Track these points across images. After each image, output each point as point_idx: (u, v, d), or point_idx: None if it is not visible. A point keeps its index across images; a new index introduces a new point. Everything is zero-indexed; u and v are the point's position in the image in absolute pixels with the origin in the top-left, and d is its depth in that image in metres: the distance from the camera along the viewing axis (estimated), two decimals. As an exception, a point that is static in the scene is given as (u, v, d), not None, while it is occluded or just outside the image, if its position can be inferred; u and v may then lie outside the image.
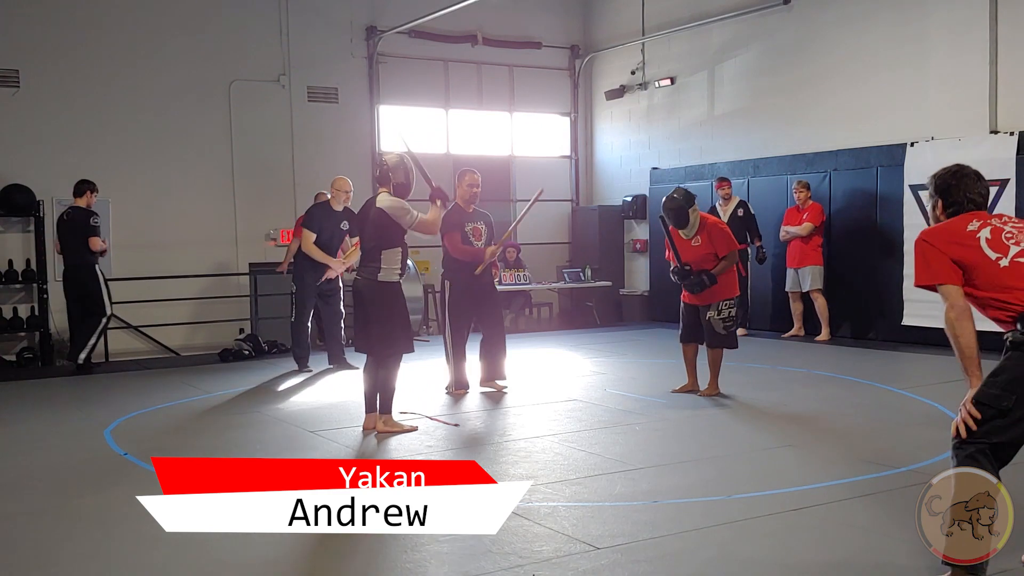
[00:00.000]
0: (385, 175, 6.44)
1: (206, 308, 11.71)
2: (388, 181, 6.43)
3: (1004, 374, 3.37)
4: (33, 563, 4.09)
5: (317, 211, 9.29)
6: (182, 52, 11.71)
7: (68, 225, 9.46)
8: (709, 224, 7.55)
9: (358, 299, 6.45)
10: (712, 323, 7.49)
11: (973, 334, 3.46)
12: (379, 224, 6.30)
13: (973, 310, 3.52)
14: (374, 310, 6.32)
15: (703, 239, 7.46)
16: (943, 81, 10.12)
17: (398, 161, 6.46)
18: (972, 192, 3.67)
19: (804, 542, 4.13)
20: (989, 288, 3.48)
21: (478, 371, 8.04)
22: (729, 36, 12.58)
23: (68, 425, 7.15)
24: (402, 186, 6.43)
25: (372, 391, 6.50)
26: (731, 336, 7.57)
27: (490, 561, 3.92)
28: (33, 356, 10.59)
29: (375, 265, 6.32)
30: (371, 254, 6.35)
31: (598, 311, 13.53)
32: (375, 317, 6.32)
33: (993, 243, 3.51)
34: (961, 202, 3.67)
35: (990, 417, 3.35)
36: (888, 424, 6.53)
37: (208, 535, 4.34)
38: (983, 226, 3.56)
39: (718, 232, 7.53)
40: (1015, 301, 3.42)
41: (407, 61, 13.33)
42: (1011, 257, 3.47)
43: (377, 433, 6.37)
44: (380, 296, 6.32)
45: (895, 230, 10.40)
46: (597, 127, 14.97)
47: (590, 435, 6.29)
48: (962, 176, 3.71)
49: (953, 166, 3.78)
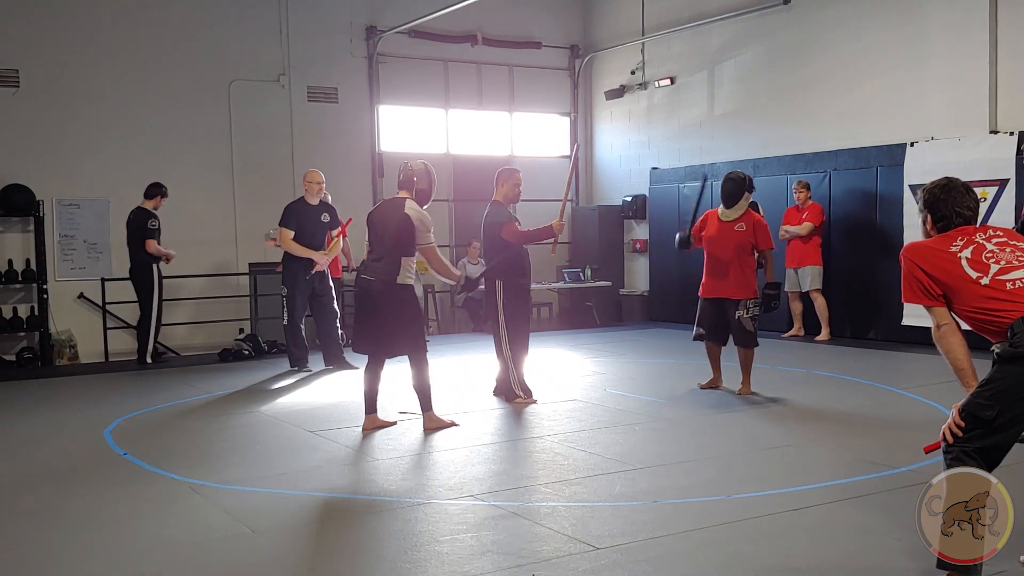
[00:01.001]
0: (409, 179, 6.45)
1: (206, 308, 11.72)
2: (412, 186, 6.45)
3: (991, 385, 3.42)
4: (33, 563, 4.09)
5: (293, 208, 9.24)
6: (182, 52, 11.72)
7: (130, 226, 10.01)
8: (755, 217, 7.62)
9: (369, 300, 6.38)
10: (742, 322, 7.47)
11: (961, 347, 3.54)
12: (404, 231, 6.30)
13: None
14: (397, 312, 6.32)
15: (747, 226, 7.48)
16: (943, 81, 10.13)
17: (423, 168, 6.50)
18: (960, 206, 3.70)
19: (804, 542, 4.13)
20: (972, 307, 3.54)
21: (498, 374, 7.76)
22: (729, 36, 12.59)
23: (68, 425, 7.15)
24: (424, 192, 6.48)
25: (373, 392, 6.51)
26: (756, 334, 7.62)
27: (490, 561, 3.92)
28: (33, 356, 10.60)
29: (392, 268, 6.29)
30: (388, 258, 6.31)
31: (598, 311, 13.53)
32: (400, 318, 6.34)
33: (973, 262, 3.56)
34: (950, 216, 3.70)
35: (974, 426, 3.41)
36: (888, 424, 6.53)
37: (208, 535, 4.36)
38: (966, 245, 3.61)
39: (763, 226, 7.60)
40: (998, 317, 3.47)
41: (407, 61, 13.34)
42: (991, 276, 3.51)
43: (425, 430, 6.41)
44: (402, 298, 6.35)
45: (895, 230, 10.41)
46: (597, 127, 14.97)
47: (590, 435, 6.29)
48: (950, 190, 3.73)
49: (942, 179, 3.82)
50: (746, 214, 7.53)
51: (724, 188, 7.57)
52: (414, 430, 6.50)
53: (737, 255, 7.44)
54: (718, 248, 7.50)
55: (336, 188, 10.97)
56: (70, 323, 11.03)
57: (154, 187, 10.09)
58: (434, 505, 4.76)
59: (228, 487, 5.16)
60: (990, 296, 3.49)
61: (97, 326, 10.88)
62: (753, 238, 7.46)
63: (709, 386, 7.84)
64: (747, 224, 7.48)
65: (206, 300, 11.65)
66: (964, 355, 3.54)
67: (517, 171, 7.74)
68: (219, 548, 4.19)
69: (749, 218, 7.52)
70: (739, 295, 7.45)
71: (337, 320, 9.57)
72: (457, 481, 5.20)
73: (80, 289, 11.17)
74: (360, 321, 6.52)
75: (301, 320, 9.34)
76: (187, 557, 4.09)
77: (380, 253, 6.36)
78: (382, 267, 6.32)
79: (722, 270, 7.49)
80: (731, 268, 7.46)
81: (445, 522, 4.48)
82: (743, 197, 7.50)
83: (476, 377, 8.61)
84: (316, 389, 8.47)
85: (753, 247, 7.50)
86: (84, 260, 11.22)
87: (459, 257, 13.51)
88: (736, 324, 7.49)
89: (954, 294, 3.57)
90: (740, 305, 7.44)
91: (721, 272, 7.50)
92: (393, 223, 6.32)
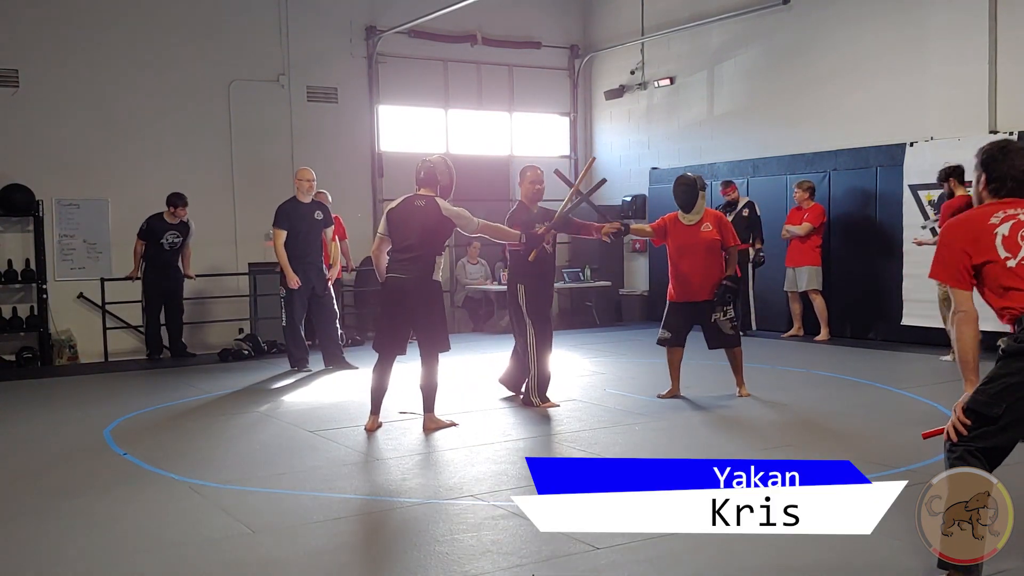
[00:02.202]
0: (432, 176, 6.46)
1: (205, 308, 11.71)
2: (435, 182, 6.45)
3: (995, 383, 3.36)
4: (33, 563, 4.09)
5: (285, 207, 9.22)
6: (182, 52, 11.71)
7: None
8: (716, 215, 7.55)
9: (402, 298, 6.33)
10: (719, 324, 7.35)
11: (972, 340, 3.46)
12: (441, 231, 6.36)
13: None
14: (431, 308, 6.37)
15: (713, 226, 7.38)
16: (943, 81, 10.13)
17: (443, 162, 6.53)
18: (1016, 169, 3.58)
19: (803, 542, 4.13)
20: (992, 287, 3.47)
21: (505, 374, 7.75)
22: (728, 36, 12.58)
23: (68, 425, 7.15)
24: (447, 188, 6.53)
25: (381, 392, 6.50)
26: (737, 334, 7.50)
27: (490, 561, 3.92)
28: (33, 356, 10.60)
29: (428, 266, 6.32)
30: (424, 256, 6.31)
31: (597, 311, 13.52)
32: (435, 314, 6.40)
33: (1008, 241, 3.46)
34: (1003, 178, 3.59)
35: (979, 424, 3.37)
36: (888, 424, 6.53)
37: (208, 535, 4.36)
38: (1005, 220, 3.50)
39: (727, 223, 7.55)
40: (1014, 304, 3.41)
41: (407, 61, 13.33)
42: (1019, 259, 3.43)
43: (425, 430, 6.41)
44: (435, 295, 6.43)
45: (895, 230, 10.41)
46: (597, 127, 14.97)
47: (590, 435, 6.30)
48: (1008, 152, 3.63)
49: (1001, 140, 3.75)
50: (707, 214, 7.44)
51: (677, 193, 7.42)
52: (414, 430, 6.50)
53: (708, 256, 7.34)
54: (689, 252, 7.34)
55: (336, 188, 10.99)
56: (70, 323, 11.03)
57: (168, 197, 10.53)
58: (434, 505, 4.76)
59: (228, 487, 5.16)
60: (1010, 280, 3.41)
61: (97, 326, 10.88)
62: (720, 236, 7.37)
63: (669, 395, 7.52)
64: (712, 223, 7.39)
65: (205, 300, 11.65)
66: (972, 348, 3.45)
67: (535, 167, 7.47)
68: (218, 548, 4.19)
69: (712, 217, 7.45)
70: (714, 296, 7.34)
71: (336, 320, 9.56)
72: (457, 481, 5.21)
73: (80, 289, 11.16)
74: (391, 318, 6.43)
75: (300, 321, 9.33)
76: (187, 557, 4.09)
77: (414, 251, 6.32)
78: (418, 266, 6.32)
79: (694, 273, 7.33)
80: (703, 270, 7.32)
81: (445, 522, 4.48)
82: (699, 198, 7.36)
83: (476, 377, 8.61)
84: (316, 389, 8.46)
85: (721, 245, 7.39)
86: (84, 260, 11.21)
87: (458, 257, 13.51)
88: (713, 327, 7.36)
89: (981, 273, 3.47)
90: (716, 307, 7.35)
91: (693, 275, 7.32)
92: (431, 224, 6.33)
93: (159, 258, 10.46)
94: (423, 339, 6.43)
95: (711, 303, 7.33)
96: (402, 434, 6.40)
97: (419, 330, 6.41)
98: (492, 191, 14.23)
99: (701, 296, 7.36)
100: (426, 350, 6.43)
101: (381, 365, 6.51)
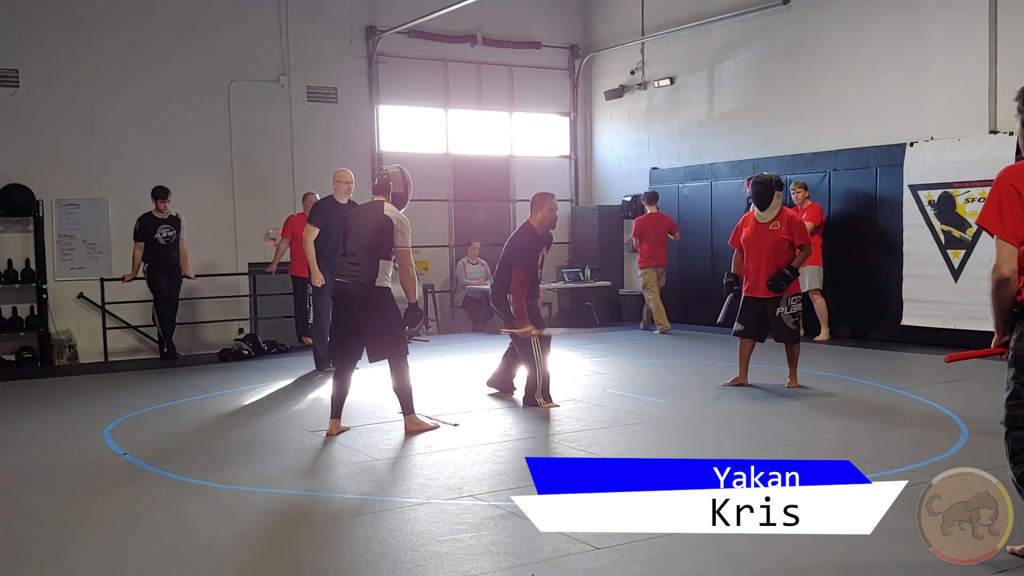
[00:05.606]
0: (385, 184, 6.44)
1: (205, 308, 11.71)
2: (388, 190, 6.43)
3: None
4: (33, 563, 4.08)
5: (323, 205, 9.08)
6: (182, 52, 11.71)
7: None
8: (789, 214, 7.82)
9: (346, 304, 6.31)
10: (782, 318, 7.70)
11: (1007, 300, 3.34)
12: (383, 233, 6.26)
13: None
14: (376, 315, 6.28)
15: (783, 225, 7.69)
16: (943, 81, 10.13)
17: (399, 172, 6.48)
18: None
19: (803, 542, 4.12)
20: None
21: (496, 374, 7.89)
22: (729, 36, 12.58)
23: (68, 425, 7.15)
24: (401, 196, 6.46)
25: (341, 397, 6.45)
26: (798, 330, 7.81)
27: (490, 561, 3.92)
28: (32, 356, 10.60)
29: (370, 271, 6.26)
30: (366, 260, 6.27)
31: (597, 311, 13.53)
32: (380, 321, 6.29)
33: None
34: None
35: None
36: (888, 424, 6.53)
37: (208, 535, 4.36)
38: None
39: (798, 223, 7.82)
40: None
41: (406, 61, 13.33)
42: None
43: (407, 433, 6.39)
44: (381, 300, 6.31)
45: (894, 230, 10.41)
46: (596, 127, 14.97)
47: (590, 435, 6.30)
48: None
49: None
50: (781, 213, 7.75)
51: (754, 191, 7.80)
52: (437, 428, 6.51)
53: (772, 255, 7.66)
54: (754, 249, 7.75)
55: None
56: (69, 323, 11.03)
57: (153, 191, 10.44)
58: (434, 505, 4.76)
59: (228, 487, 5.16)
60: None
61: (96, 326, 10.88)
62: (789, 235, 7.68)
63: (735, 383, 7.94)
64: (782, 223, 7.71)
65: (205, 300, 11.65)
66: (1008, 308, 3.35)
67: (552, 195, 7.52)
68: (218, 548, 4.18)
69: (784, 216, 7.75)
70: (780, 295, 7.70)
71: None
72: (457, 481, 5.20)
73: (79, 289, 11.16)
74: (337, 325, 6.44)
75: (328, 320, 9.18)
76: (187, 557, 4.09)
77: (357, 256, 6.31)
78: (360, 270, 6.28)
79: (758, 269, 7.73)
80: (766, 268, 7.68)
81: (445, 522, 4.48)
82: (775, 197, 7.71)
83: (476, 377, 8.61)
84: (316, 389, 8.46)
85: (791, 244, 7.69)
86: (83, 260, 11.21)
87: (459, 257, 13.51)
88: (777, 321, 7.72)
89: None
90: (781, 302, 7.69)
91: (757, 272, 7.74)
92: (371, 226, 6.28)
93: (157, 255, 10.39)
94: (368, 345, 6.33)
95: (776, 300, 7.71)
96: (401, 435, 6.40)
97: (362, 336, 6.32)
98: (492, 191, 14.24)
99: (764, 292, 7.74)
100: (373, 357, 6.36)
101: (342, 372, 6.44)
